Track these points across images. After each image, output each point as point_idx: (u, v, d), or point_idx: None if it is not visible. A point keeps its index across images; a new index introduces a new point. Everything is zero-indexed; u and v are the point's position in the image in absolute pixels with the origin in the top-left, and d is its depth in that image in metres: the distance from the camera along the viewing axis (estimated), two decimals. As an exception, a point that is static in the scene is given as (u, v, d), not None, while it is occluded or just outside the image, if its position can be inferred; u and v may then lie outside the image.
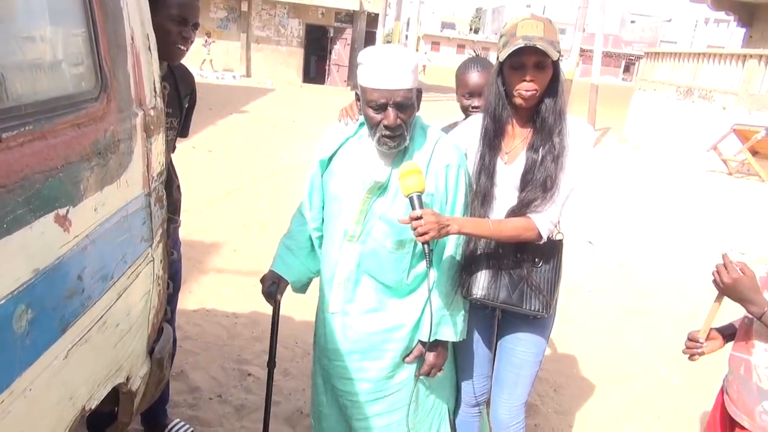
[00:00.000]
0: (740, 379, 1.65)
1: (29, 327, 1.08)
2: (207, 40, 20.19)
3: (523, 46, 1.66)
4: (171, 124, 2.17)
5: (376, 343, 1.86)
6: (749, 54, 11.93)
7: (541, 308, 1.84)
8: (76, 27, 1.31)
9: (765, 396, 1.59)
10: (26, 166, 1.06)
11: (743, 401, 1.63)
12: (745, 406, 1.63)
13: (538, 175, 1.76)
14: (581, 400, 3.29)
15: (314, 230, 2.01)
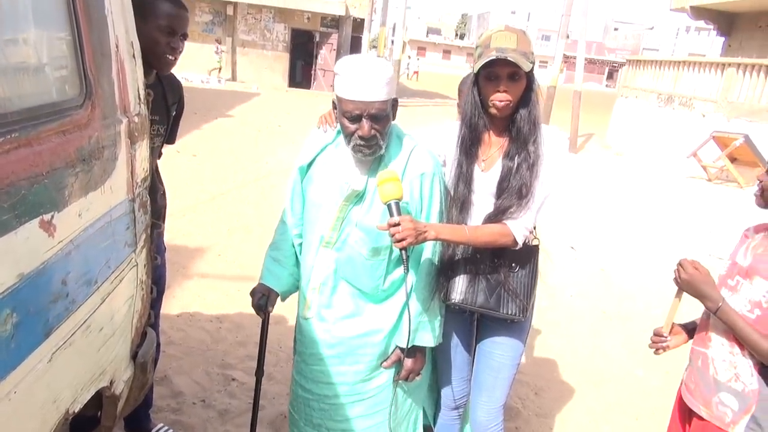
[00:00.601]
0: (698, 371, 1.71)
1: (14, 330, 1.10)
2: (218, 48, 20.31)
3: (496, 58, 1.71)
4: (158, 131, 2.19)
5: (354, 348, 1.89)
6: (728, 62, 12.17)
7: (518, 312, 1.89)
8: (61, 34, 1.34)
9: (721, 387, 1.65)
10: (12, 173, 1.08)
11: (701, 392, 1.69)
12: (703, 397, 1.69)
13: (513, 182, 1.81)
14: (561, 403, 3.34)
15: (296, 236, 2.04)
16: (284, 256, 2.03)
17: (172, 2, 2.00)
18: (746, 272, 1.63)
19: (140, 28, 1.99)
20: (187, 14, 2.08)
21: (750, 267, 1.62)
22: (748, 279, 1.61)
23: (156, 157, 2.28)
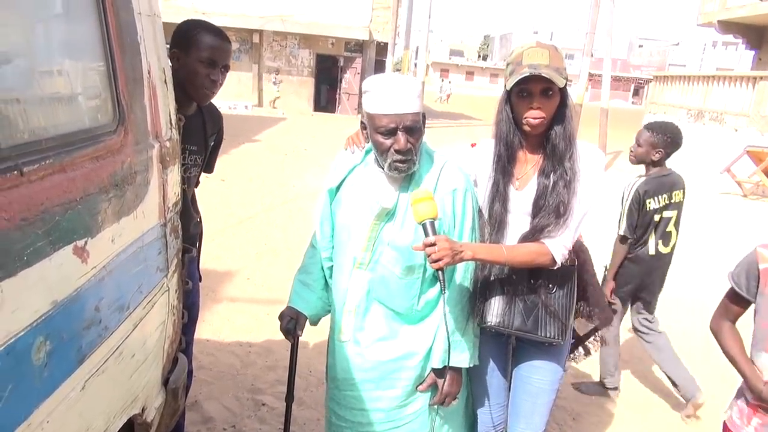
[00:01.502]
0: None
1: (47, 359, 1.09)
2: (276, 78, 20.98)
3: (529, 75, 1.68)
4: (195, 161, 2.21)
5: (389, 372, 1.85)
6: (760, 76, 11.93)
7: (556, 334, 1.82)
8: (95, 61, 1.35)
9: None
10: (46, 199, 1.08)
11: None
12: None
13: (550, 200, 1.76)
14: (601, 429, 3.22)
15: (326, 260, 2.01)
16: (313, 279, 2.00)
17: (214, 34, 2.03)
18: None
19: (182, 59, 2.02)
20: (229, 46, 2.11)
21: None
22: None
23: (193, 186, 2.30)
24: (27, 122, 1.08)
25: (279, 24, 20.79)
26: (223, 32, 2.10)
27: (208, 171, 2.42)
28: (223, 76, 2.09)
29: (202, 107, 2.21)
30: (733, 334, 1.82)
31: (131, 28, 1.49)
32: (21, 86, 1.12)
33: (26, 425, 1.04)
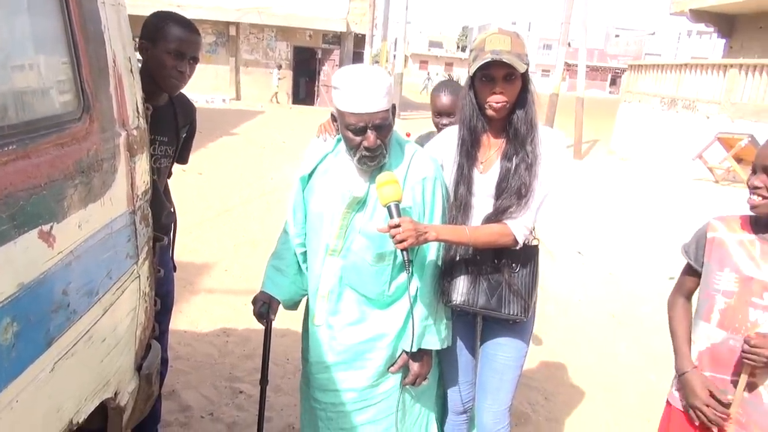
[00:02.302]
0: (747, 402, 1.65)
1: (14, 339, 1.11)
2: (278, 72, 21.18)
3: (491, 60, 1.73)
4: (166, 152, 2.23)
5: (360, 353, 1.89)
6: (730, 64, 12.16)
7: (520, 312, 1.88)
8: (58, 49, 1.36)
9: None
10: (10, 184, 1.10)
11: (756, 422, 1.65)
12: (760, 426, 1.64)
13: (512, 183, 1.81)
14: (571, 408, 3.31)
15: (298, 246, 2.05)
16: (286, 265, 2.04)
17: (182, 26, 2.04)
18: None
19: (150, 50, 2.04)
20: (197, 38, 2.11)
21: None
22: None
23: (165, 177, 2.31)
24: (-11, 108, 1.10)
25: (255, 16, 20.61)
26: (191, 24, 2.11)
27: (181, 162, 2.43)
28: (192, 68, 2.10)
29: (173, 98, 2.22)
30: (683, 311, 1.87)
31: (95, 17, 1.50)
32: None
33: (-6, 405, 1.06)
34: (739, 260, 1.67)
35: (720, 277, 1.70)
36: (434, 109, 2.50)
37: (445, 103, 2.44)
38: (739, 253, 1.67)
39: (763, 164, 1.58)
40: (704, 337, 1.75)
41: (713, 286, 1.71)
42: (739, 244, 1.68)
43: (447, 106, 2.44)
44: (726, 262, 1.69)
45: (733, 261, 1.67)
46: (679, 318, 1.87)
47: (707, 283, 1.74)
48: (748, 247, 1.66)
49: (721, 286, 1.69)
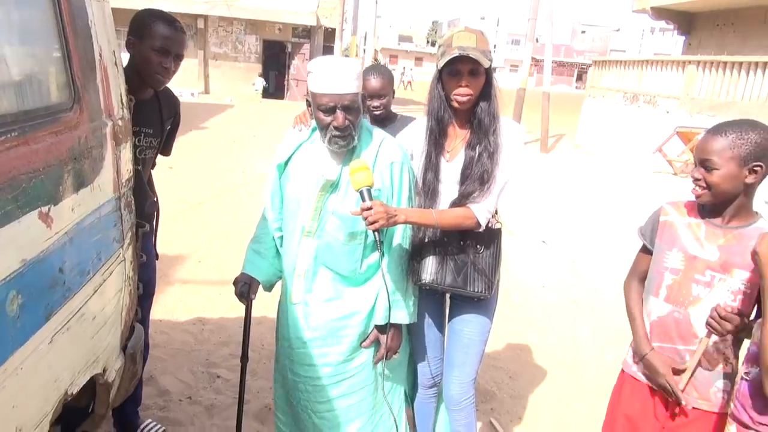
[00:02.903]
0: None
1: (19, 311, 1.21)
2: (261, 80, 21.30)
3: (458, 56, 1.87)
4: (150, 143, 2.31)
5: (335, 329, 2.02)
6: (688, 60, 12.60)
7: (484, 289, 2.04)
8: (51, 44, 1.45)
9: (716, 377, 1.79)
10: (14, 168, 1.20)
11: (696, 388, 1.81)
12: (699, 392, 1.81)
13: (475, 170, 1.96)
14: (534, 385, 3.50)
15: (276, 230, 2.17)
16: (265, 248, 2.15)
17: (167, 24, 2.13)
18: (721, 267, 1.74)
19: (137, 46, 2.13)
20: (182, 36, 2.20)
21: (724, 262, 1.73)
22: (727, 273, 1.73)
23: (149, 167, 2.40)
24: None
25: (224, 9, 20.43)
26: (177, 23, 2.20)
27: (165, 154, 2.52)
28: (176, 64, 2.19)
29: (158, 92, 2.31)
30: (637, 295, 2.01)
31: (82, 13, 1.59)
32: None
33: (2, 370, 1.16)
34: (686, 241, 1.82)
35: (669, 255, 1.86)
36: (365, 93, 2.60)
37: (375, 85, 2.64)
38: (687, 234, 1.83)
39: (699, 158, 1.74)
40: (653, 311, 1.91)
41: (662, 264, 1.87)
42: (687, 227, 1.84)
43: (375, 89, 2.64)
44: (675, 243, 1.85)
45: (681, 241, 1.83)
46: (635, 301, 2.01)
47: (658, 261, 1.90)
48: (695, 230, 1.82)
49: (669, 264, 1.85)
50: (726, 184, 1.69)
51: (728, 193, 1.71)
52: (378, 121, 2.66)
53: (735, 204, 1.74)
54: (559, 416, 3.21)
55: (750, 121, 1.70)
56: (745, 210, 1.75)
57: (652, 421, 1.93)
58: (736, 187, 1.70)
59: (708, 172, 1.70)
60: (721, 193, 1.71)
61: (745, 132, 1.65)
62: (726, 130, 1.68)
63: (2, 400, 1.17)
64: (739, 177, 1.68)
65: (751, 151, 1.64)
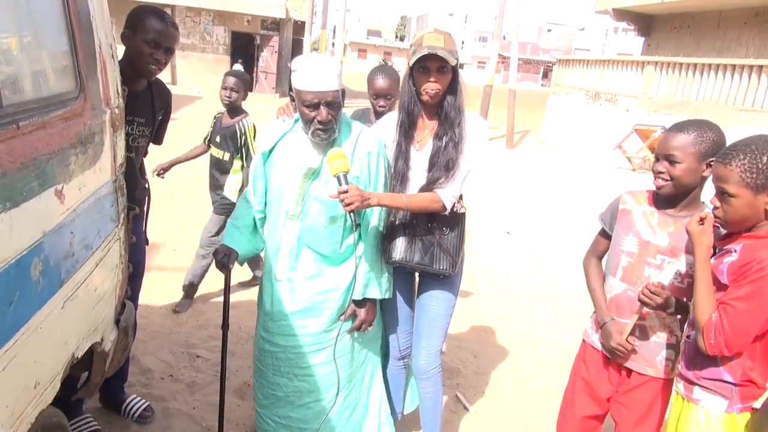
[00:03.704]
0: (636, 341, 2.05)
1: (40, 277, 1.37)
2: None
3: (428, 54, 2.07)
4: (143, 132, 2.45)
5: (316, 303, 2.21)
6: (647, 61, 13.11)
7: (449, 267, 2.25)
8: (61, 38, 1.59)
9: (662, 347, 2.02)
10: (35, 149, 1.35)
11: (643, 356, 2.04)
12: (646, 360, 2.04)
13: (442, 158, 2.17)
14: (497, 363, 3.75)
15: (258, 212, 2.33)
16: (244, 225, 2.32)
17: (159, 19, 2.28)
18: (670, 251, 1.95)
19: (131, 39, 2.27)
20: (174, 31, 2.35)
21: (673, 247, 1.95)
22: (675, 257, 1.94)
23: (142, 155, 2.53)
24: (19, 87, 1.34)
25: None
26: (169, 18, 2.34)
27: (157, 143, 2.66)
28: (167, 57, 2.33)
29: (151, 84, 2.45)
30: (597, 270, 2.24)
31: (85, 8, 1.73)
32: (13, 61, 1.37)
33: (26, 327, 1.32)
34: (640, 227, 2.04)
35: (625, 240, 2.08)
36: (372, 92, 2.86)
37: (383, 85, 2.82)
38: (642, 221, 2.04)
39: (663, 153, 1.92)
40: (611, 289, 2.13)
41: (619, 248, 2.09)
42: (642, 215, 2.05)
43: (383, 89, 2.81)
44: (630, 229, 2.06)
45: (636, 228, 2.05)
46: (595, 277, 2.22)
47: (615, 244, 2.12)
48: (649, 217, 2.03)
49: (625, 248, 2.07)
50: (687, 177, 1.87)
51: (688, 185, 1.90)
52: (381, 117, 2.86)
53: (690, 196, 1.94)
54: (519, 391, 3.46)
55: (706, 121, 1.91)
56: (695, 201, 1.96)
57: (606, 385, 2.17)
58: (695, 180, 1.89)
59: (672, 166, 1.88)
60: (682, 185, 1.89)
61: (704, 131, 1.85)
62: (688, 128, 1.87)
63: (26, 355, 1.32)
64: (698, 171, 1.87)
65: (709, 148, 1.84)
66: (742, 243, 1.71)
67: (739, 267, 1.68)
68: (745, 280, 1.65)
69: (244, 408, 2.93)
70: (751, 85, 9.96)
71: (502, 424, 3.10)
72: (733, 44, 13.89)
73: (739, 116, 9.98)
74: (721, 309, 1.67)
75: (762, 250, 1.64)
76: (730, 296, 1.67)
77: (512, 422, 3.12)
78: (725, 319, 1.65)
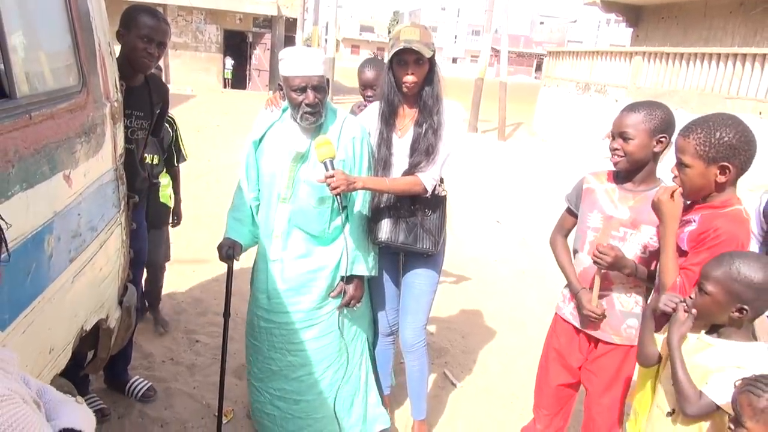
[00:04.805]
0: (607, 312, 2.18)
1: (52, 252, 1.51)
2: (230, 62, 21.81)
3: (404, 48, 2.21)
4: (141, 125, 2.59)
5: (306, 281, 2.36)
6: (635, 51, 13.26)
7: (431, 246, 2.40)
8: (65, 35, 1.74)
9: (627, 316, 2.16)
10: (46, 137, 1.49)
11: (610, 325, 2.18)
12: (612, 328, 2.18)
13: (422, 144, 2.32)
14: (484, 343, 3.91)
15: (253, 200, 2.48)
16: (244, 215, 2.46)
17: (151, 16, 2.42)
18: (632, 224, 2.09)
19: (126, 36, 2.42)
20: (165, 27, 2.49)
21: (634, 220, 2.09)
22: (636, 229, 2.09)
23: (142, 147, 2.67)
24: (29, 81, 1.48)
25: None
26: (160, 15, 2.49)
27: (155, 136, 2.80)
28: (160, 51, 2.47)
29: (149, 79, 2.59)
30: (564, 247, 2.39)
31: (85, 8, 1.88)
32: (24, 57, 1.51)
33: (41, 297, 1.47)
34: (603, 203, 2.19)
35: (590, 216, 2.23)
36: (361, 83, 3.05)
37: (369, 76, 3.00)
38: (604, 198, 2.20)
39: (618, 131, 2.07)
40: (580, 263, 2.28)
41: (586, 224, 2.24)
42: (604, 192, 2.20)
43: (371, 79, 3.00)
44: (595, 206, 2.21)
45: (600, 204, 2.19)
46: (563, 253, 2.38)
47: (582, 221, 2.26)
48: (611, 194, 2.18)
49: (591, 224, 2.22)
50: (639, 153, 2.01)
51: (641, 160, 2.04)
52: None
53: (644, 170, 2.08)
54: (504, 368, 3.62)
55: (656, 102, 2.06)
56: (651, 176, 2.10)
57: (577, 355, 2.33)
58: (647, 155, 2.03)
59: (625, 142, 2.02)
60: (635, 160, 2.03)
61: (654, 109, 2.01)
62: (638, 108, 2.02)
63: (42, 322, 1.47)
64: (649, 146, 2.01)
65: (658, 125, 1.99)
66: (700, 213, 1.85)
67: (697, 235, 1.82)
68: (702, 247, 1.79)
69: (241, 387, 3.08)
70: (735, 74, 10.12)
71: (487, 397, 3.26)
72: (719, 33, 14.06)
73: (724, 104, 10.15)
74: (683, 273, 1.82)
75: (717, 219, 1.79)
76: (690, 262, 1.81)
77: (497, 396, 3.29)
78: (687, 282, 1.79)
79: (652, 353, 1.81)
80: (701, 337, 1.68)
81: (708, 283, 1.63)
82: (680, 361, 1.64)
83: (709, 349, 1.64)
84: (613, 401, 2.23)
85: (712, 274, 1.62)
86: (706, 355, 1.64)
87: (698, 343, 1.67)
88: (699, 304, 1.65)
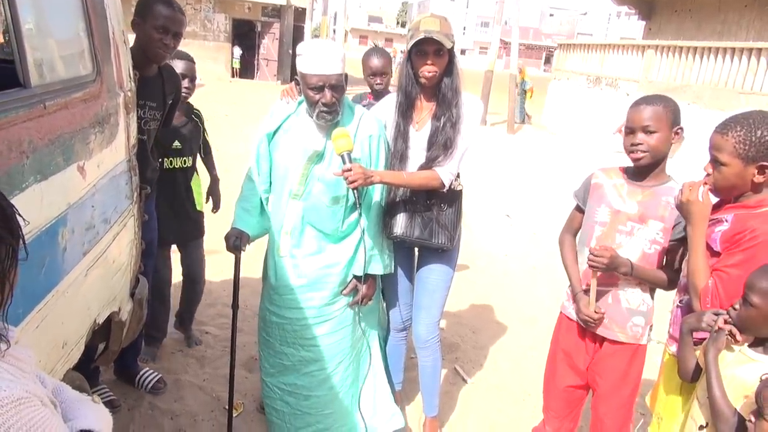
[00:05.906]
0: (609, 306, 2.15)
1: (67, 244, 1.48)
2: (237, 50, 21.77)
3: (424, 38, 2.16)
4: (154, 115, 2.55)
5: (319, 277, 2.33)
6: (647, 45, 13.11)
7: (446, 242, 2.36)
8: (79, 25, 1.70)
9: (633, 313, 2.12)
10: (60, 128, 1.46)
11: (615, 321, 2.14)
12: (618, 325, 2.14)
13: (440, 138, 2.27)
14: (495, 339, 3.87)
15: (263, 192, 2.44)
16: (252, 206, 2.42)
17: (167, 5, 2.38)
18: (639, 218, 2.06)
19: (141, 26, 2.38)
20: (180, 17, 2.45)
21: (642, 214, 2.05)
22: (643, 224, 2.05)
23: (153, 138, 2.64)
24: (43, 71, 1.45)
25: (192, -13, 20.20)
26: (176, 4, 2.44)
27: (166, 126, 2.77)
28: (175, 41, 2.43)
29: (162, 70, 2.55)
30: (571, 246, 2.35)
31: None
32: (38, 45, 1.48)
33: (55, 291, 1.44)
34: (611, 198, 2.16)
35: (598, 211, 2.20)
36: (369, 71, 3.06)
37: (377, 64, 3.03)
38: (612, 193, 2.17)
39: (639, 125, 2.00)
40: (585, 259, 2.25)
41: (593, 219, 2.21)
42: (612, 187, 2.17)
43: (378, 68, 3.03)
44: (602, 200, 2.18)
45: (607, 199, 2.16)
46: (569, 252, 2.35)
47: (589, 216, 2.24)
48: (619, 189, 2.15)
49: (598, 219, 2.19)
50: (663, 146, 1.98)
51: (663, 153, 2.00)
52: (378, 94, 3.05)
53: (659, 167, 2.04)
54: (516, 364, 3.58)
55: (662, 94, 2.03)
56: (662, 172, 2.07)
57: (583, 356, 2.29)
58: (667, 148, 2.00)
59: (649, 136, 1.96)
60: (659, 153, 1.99)
61: (667, 101, 1.98)
62: (653, 101, 1.98)
63: (56, 316, 1.45)
64: (669, 139, 1.97)
65: (676, 117, 1.96)
66: (733, 213, 1.79)
67: (732, 236, 1.76)
68: (737, 248, 1.74)
69: (251, 380, 3.06)
70: (750, 68, 9.98)
71: (499, 394, 3.23)
72: (733, 27, 13.87)
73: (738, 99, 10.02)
74: (715, 275, 1.76)
75: (753, 220, 1.73)
76: (725, 263, 1.75)
77: (508, 393, 3.26)
78: (720, 285, 1.74)
79: (692, 369, 1.76)
80: (743, 350, 1.61)
81: (754, 294, 1.54)
82: (716, 377, 1.58)
83: (751, 364, 1.58)
84: (622, 402, 2.19)
85: (759, 285, 1.54)
86: (747, 369, 1.57)
87: (739, 356, 1.61)
88: (744, 317, 1.58)
